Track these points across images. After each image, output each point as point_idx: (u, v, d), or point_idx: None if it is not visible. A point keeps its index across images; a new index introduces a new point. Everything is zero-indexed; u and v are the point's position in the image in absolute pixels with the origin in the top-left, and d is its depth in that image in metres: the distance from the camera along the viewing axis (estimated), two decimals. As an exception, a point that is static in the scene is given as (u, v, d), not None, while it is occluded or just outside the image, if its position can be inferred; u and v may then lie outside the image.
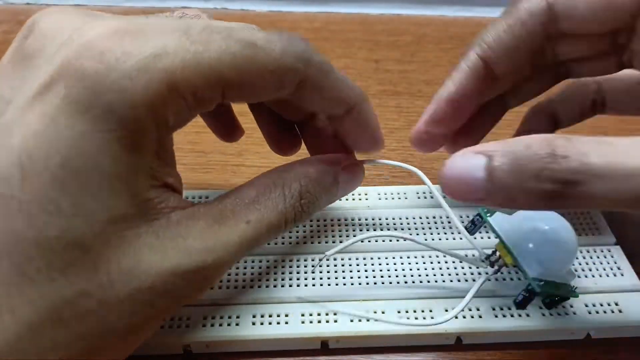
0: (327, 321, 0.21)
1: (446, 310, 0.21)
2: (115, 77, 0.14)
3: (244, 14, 0.48)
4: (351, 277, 0.23)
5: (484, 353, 0.21)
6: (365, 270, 0.23)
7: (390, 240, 0.24)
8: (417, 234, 0.25)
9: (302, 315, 0.21)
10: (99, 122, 0.14)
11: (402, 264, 0.23)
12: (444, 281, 0.23)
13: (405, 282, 0.23)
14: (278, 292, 0.22)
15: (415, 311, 0.21)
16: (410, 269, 0.23)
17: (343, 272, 0.23)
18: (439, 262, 0.23)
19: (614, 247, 0.24)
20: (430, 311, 0.21)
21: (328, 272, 0.23)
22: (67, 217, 0.14)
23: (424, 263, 0.23)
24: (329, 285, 0.22)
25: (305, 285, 0.22)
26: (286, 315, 0.21)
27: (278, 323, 0.21)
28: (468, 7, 0.47)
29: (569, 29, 0.19)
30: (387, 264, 0.23)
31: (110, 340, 0.16)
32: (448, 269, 0.23)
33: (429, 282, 0.23)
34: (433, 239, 0.24)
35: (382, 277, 0.23)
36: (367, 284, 0.22)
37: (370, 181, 0.30)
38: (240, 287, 0.22)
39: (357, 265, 0.23)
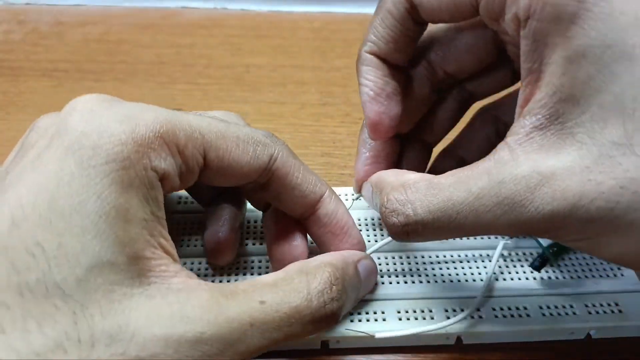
0: (327, 321, 0.21)
1: (446, 311, 0.21)
2: (104, 121, 0.15)
3: (244, 13, 0.48)
4: (351, 277, 0.23)
5: (484, 353, 0.21)
6: (365, 270, 0.23)
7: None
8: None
9: (302, 315, 0.21)
10: (86, 159, 0.15)
11: (402, 264, 0.23)
12: (444, 281, 0.23)
13: (405, 282, 0.23)
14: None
15: (415, 311, 0.21)
16: (410, 269, 0.23)
17: (343, 272, 0.23)
18: (439, 263, 0.23)
19: (614, 247, 0.24)
20: (431, 311, 0.21)
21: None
22: (49, 259, 0.14)
23: (424, 263, 0.23)
24: (329, 285, 0.22)
25: (305, 285, 0.22)
26: (286, 315, 0.21)
27: (278, 323, 0.21)
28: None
29: (426, 16, 0.20)
30: (387, 264, 0.23)
31: None
32: (448, 269, 0.23)
33: (429, 282, 0.23)
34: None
35: (382, 276, 0.23)
36: (367, 284, 0.22)
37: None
38: (240, 287, 0.22)
39: (357, 265, 0.23)
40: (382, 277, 0.23)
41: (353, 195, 0.26)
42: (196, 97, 0.37)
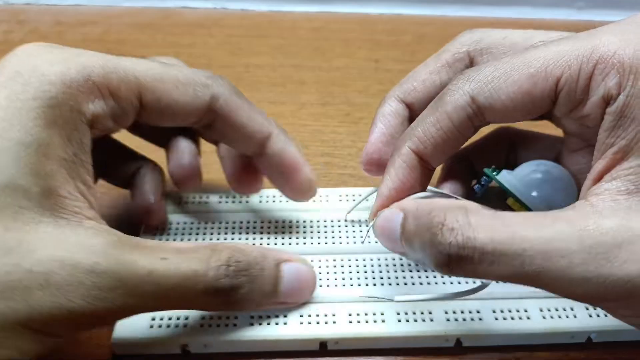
0: (326, 322, 0.21)
1: (446, 312, 0.21)
2: (38, 62, 0.17)
3: (243, 13, 0.47)
4: (350, 279, 0.23)
5: (483, 355, 0.21)
6: (365, 272, 0.23)
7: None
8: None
9: (301, 316, 0.21)
10: (15, 94, 0.16)
11: (401, 265, 0.23)
12: (444, 283, 0.22)
13: (405, 284, 0.22)
14: (277, 294, 0.22)
15: (414, 313, 0.21)
16: (410, 270, 0.23)
17: (342, 272, 0.23)
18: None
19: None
20: (430, 313, 0.21)
21: (327, 272, 0.23)
22: None
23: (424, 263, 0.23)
24: (327, 286, 0.22)
25: (304, 287, 0.22)
26: (284, 316, 0.21)
27: (276, 324, 0.21)
28: (468, 7, 0.47)
29: (493, 119, 0.19)
30: (387, 265, 0.23)
31: None
32: (448, 270, 0.23)
33: (429, 284, 0.22)
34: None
35: (381, 277, 0.23)
36: (367, 285, 0.22)
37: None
38: (239, 288, 0.22)
39: (357, 266, 0.23)
40: (381, 277, 0.23)
41: (354, 196, 0.26)
42: (196, 97, 0.37)
